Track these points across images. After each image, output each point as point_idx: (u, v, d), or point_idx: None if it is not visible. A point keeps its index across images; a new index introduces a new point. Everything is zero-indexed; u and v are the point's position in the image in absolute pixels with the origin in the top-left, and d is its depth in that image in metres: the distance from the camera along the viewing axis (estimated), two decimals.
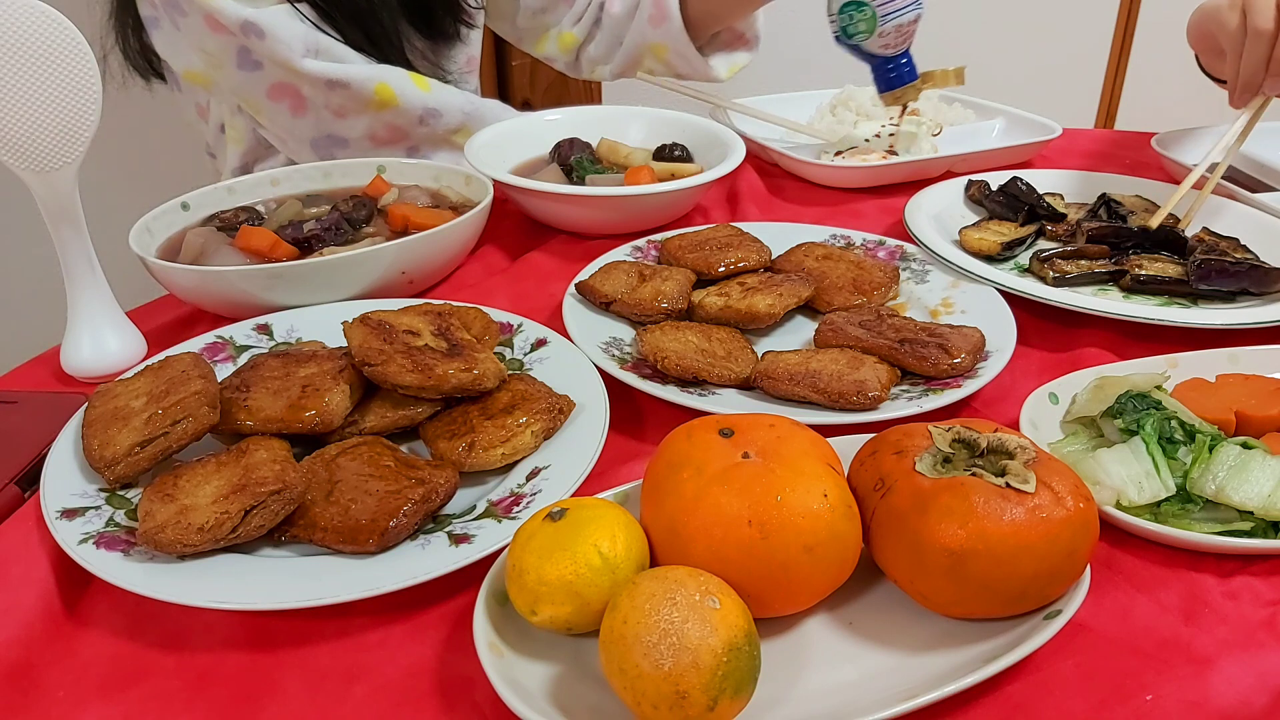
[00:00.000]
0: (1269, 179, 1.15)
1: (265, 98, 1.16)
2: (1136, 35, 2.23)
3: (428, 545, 0.60)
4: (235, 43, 1.12)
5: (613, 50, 1.39)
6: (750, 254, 0.91)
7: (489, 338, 0.79)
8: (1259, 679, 0.53)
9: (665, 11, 1.31)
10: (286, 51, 1.11)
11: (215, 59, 1.15)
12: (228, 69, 1.15)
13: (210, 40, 1.12)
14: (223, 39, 1.12)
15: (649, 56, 1.37)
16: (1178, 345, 0.79)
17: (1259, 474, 0.61)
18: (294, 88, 1.15)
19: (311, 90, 1.15)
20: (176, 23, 1.13)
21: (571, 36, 1.39)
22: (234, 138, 1.27)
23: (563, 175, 1.11)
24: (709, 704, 0.46)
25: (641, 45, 1.36)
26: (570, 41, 1.38)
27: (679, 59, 1.34)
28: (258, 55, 1.12)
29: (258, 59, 1.13)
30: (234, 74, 1.15)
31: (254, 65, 1.14)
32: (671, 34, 1.32)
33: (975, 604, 0.54)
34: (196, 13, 1.10)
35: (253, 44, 1.12)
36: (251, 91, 1.17)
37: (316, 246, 0.93)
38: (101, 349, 0.81)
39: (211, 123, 1.29)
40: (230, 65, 1.14)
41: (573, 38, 1.39)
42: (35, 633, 0.57)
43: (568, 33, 1.39)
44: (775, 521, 0.52)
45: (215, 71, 1.17)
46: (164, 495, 0.61)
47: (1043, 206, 1.03)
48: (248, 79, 1.15)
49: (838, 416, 0.71)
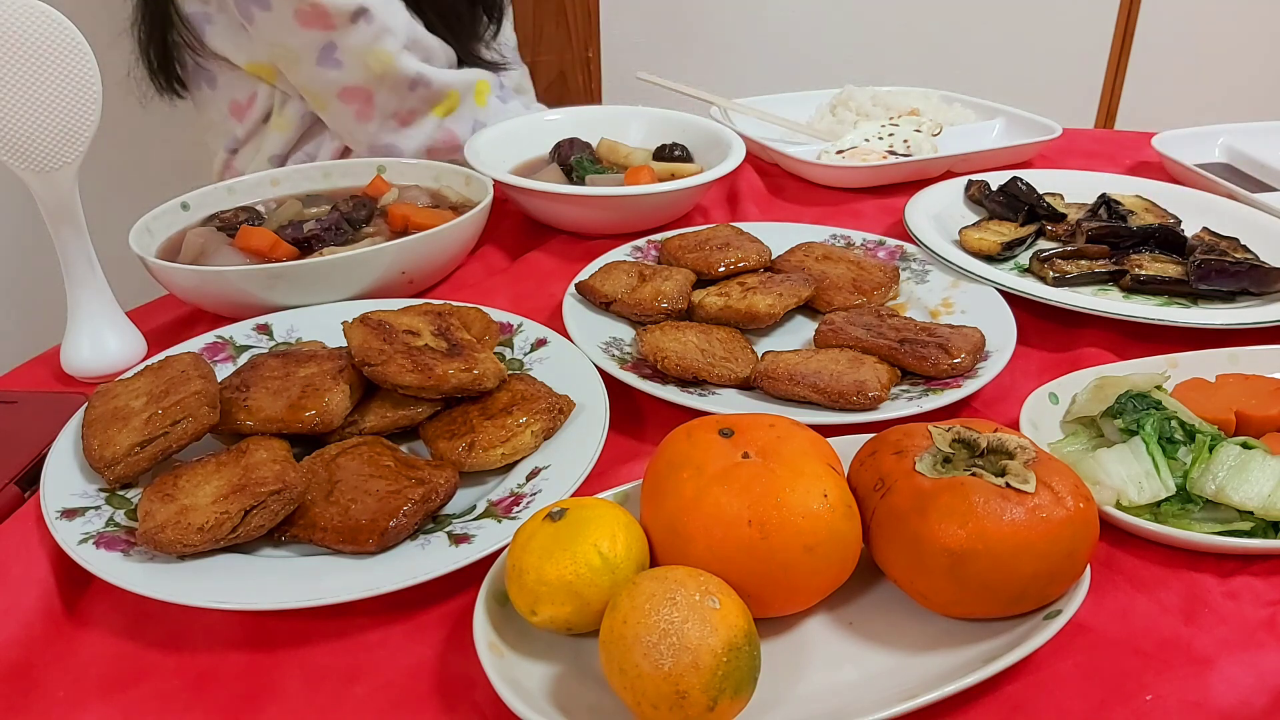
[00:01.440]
0: (1269, 179, 1.15)
1: (336, 98, 1.18)
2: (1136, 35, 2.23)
3: (428, 545, 0.60)
4: (323, 39, 1.13)
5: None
6: (750, 254, 0.91)
7: (489, 338, 0.79)
8: (1259, 679, 0.53)
9: None
10: (390, 42, 1.14)
11: (291, 55, 1.15)
12: (304, 65, 1.16)
13: (295, 36, 1.13)
14: (310, 34, 1.13)
15: None
16: (1178, 345, 0.79)
17: (1259, 474, 0.61)
18: (367, 92, 1.17)
19: (387, 95, 1.17)
20: (251, 15, 1.12)
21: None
22: (280, 125, 1.27)
23: (563, 175, 1.11)
24: (709, 704, 0.46)
25: None
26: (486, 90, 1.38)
27: None
28: (343, 52, 1.14)
29: (340, 57, 1.14)
30: (311, 71, 1.16)
31: (334, 64, 1.15)
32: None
33: (975, 604, 0.54)
34: (287, 7, 1.10)
35: (353, 33, 1.13)
36: (323, 90, 1.18)
37: (316, 246, 0.93)
38: (101, 349, 0.81)
39: (253, 115, 1.28)
40: (308, 62, 1.15)
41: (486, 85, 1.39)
42: (35, 633, 0.57)
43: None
44: (775, 521, 0.52)
45: (290, 67, 1.17)
46: (164, 495, 0.61)
47: (1043, 206, 1.03)
48: (323, 77, 1.16)
49: (838, 416, 0.71)
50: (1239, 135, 1.23)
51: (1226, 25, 2.21)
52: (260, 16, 1.12)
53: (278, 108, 1.27)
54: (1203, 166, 1.14)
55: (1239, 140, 1.22)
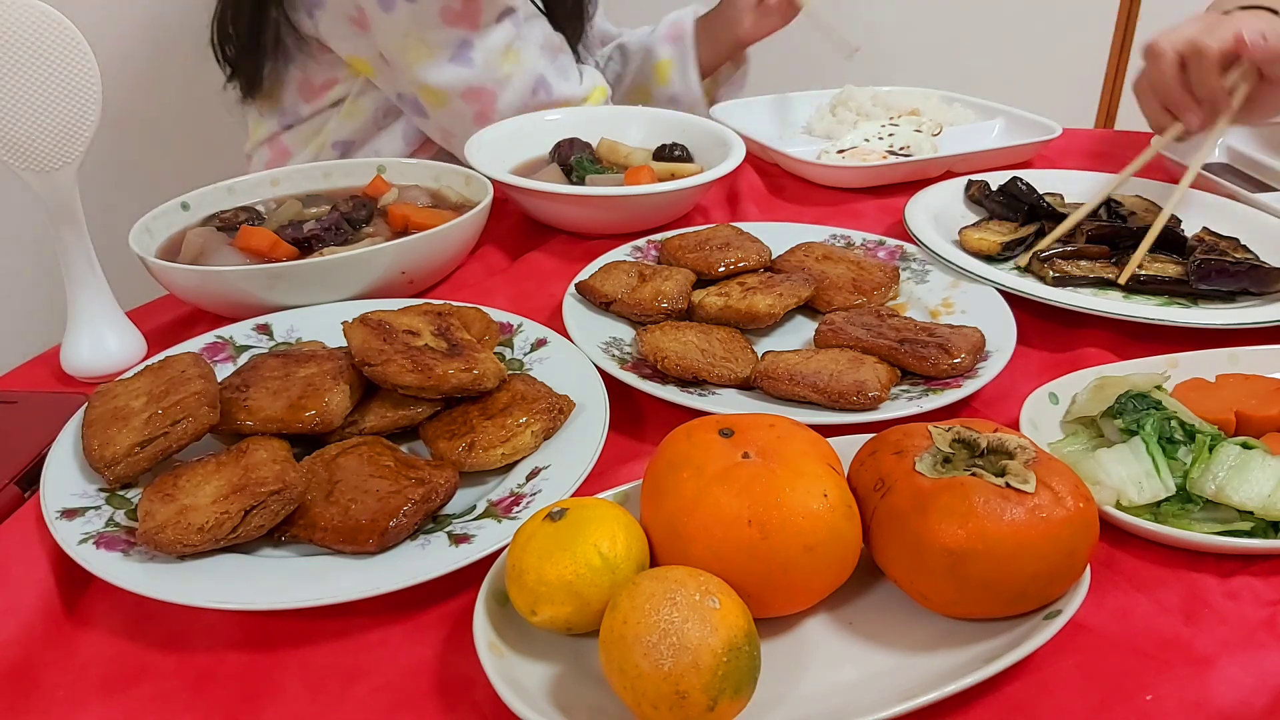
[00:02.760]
0: (1269, 179, 1.15)
1: (460, 97, 1.19)
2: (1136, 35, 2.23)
3: (428, 545, 0.60)
4: (462, 36, 1.14)
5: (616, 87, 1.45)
6: (750, 254, 0.91)
7: (489, 338, 0.79)
8: (1259, 679, 0.53)
9: (681, 30, 1.40)
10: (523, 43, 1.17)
11: (424, 48, 1.15)
12: (435, 62, 1.16)
13: (436, 31, 1.14)
14: (451, 31, 1.14)
15: (649, 78, 1.44)
16: (1178, 345, 0.79)
17: (1259, 474, 0.61)
18: (491, 93, 1.19)
19: (511, 97, 1.19)
20: (393, 5, 1.12)
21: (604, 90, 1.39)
22: (351, 112, 1.27)
23: (563, 175, 1.11)
24: (709, 704, 0.46)
25: (643, 69, 1.43)
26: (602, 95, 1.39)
27: (680, 78, 1.40)
28: (477, 51, 1.15)
29: (473, 56, 1.15)
30: (440, 68, 1.16)
31: (466, 61, 1.16)
32: (682, 52, 1.39)
33: (975, 604, 0.54)
34: (435, 2, 1.11)
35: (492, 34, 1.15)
36: (447, 87, 1.18)
37: (316, 246, 0.93)
38: (101, 349, 0.81)
39: (325, 99, 1.27)
40: (442, 59, 1.16)
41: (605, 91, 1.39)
42: (35, 633, 0.57)
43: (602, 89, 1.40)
44: (775, 521, 0.52)
45: (416, 62, 1.17)
46: (164, 495, 0.61)
47: (1043, 206, 1.03)
48: (452, 74, 1.17)
49: (838, 416, 0.71)
50: (1239, 135, 1.23)
51: None
52: (403, 7, 1.12)
53: (353, 96, 1.26)
54: (1203, 166, 1.13)
55: (1239, 140, 1.22)
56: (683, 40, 1.41)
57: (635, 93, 1.46)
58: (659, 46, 1.42)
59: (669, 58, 1.41)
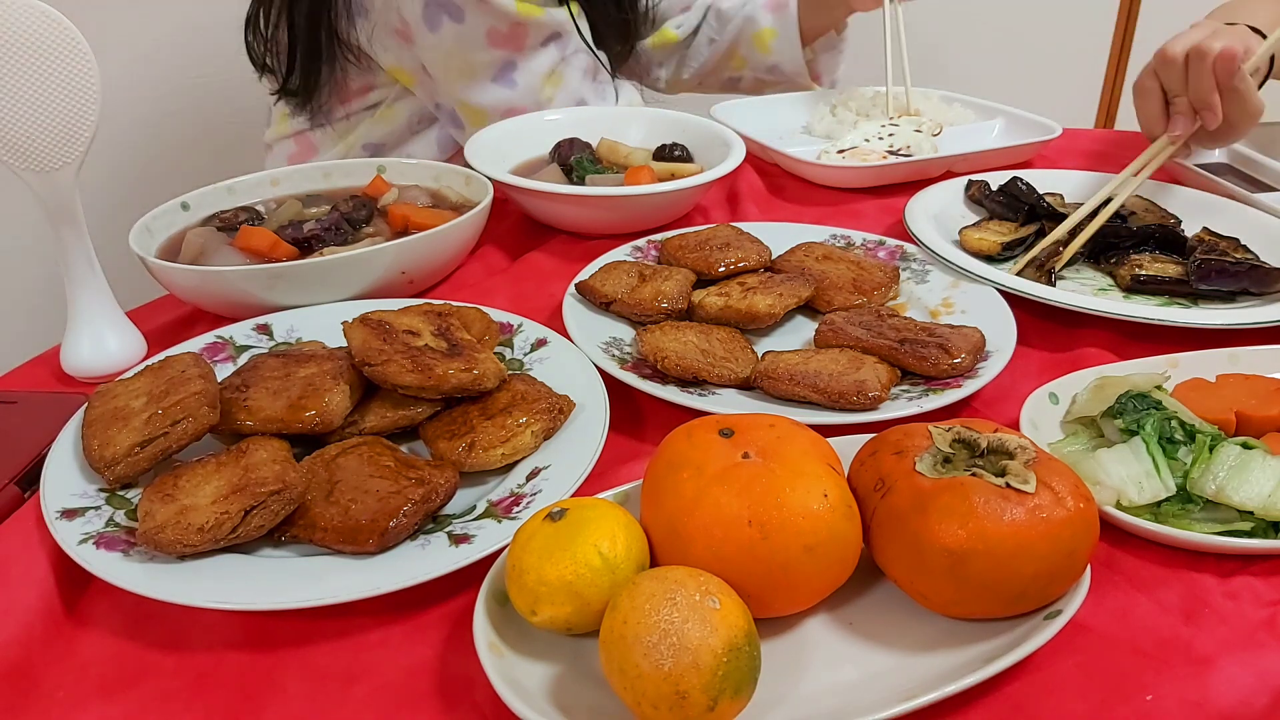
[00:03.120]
0: (1269, 179, 1.15)
1: (499, 115, 1.18)
2: (1136, 35, 2.23)
3: (428, 545, 0.60)
4: (506, 58, 1.14)
5: (701, 50, 1.43)
6: (750, 254, 0.91)
7: (489, 338, 0.79)
8: (1259, 679, 0.53)
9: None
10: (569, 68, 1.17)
11: (466, 70, 1.15)
12: (477, 81, 1.16)
13: (481, 53, 1.14)
14: (495, 53, 1.14)
15: (746, 47, 1.41)
16: (1178, 345, 0.79)
17: (1259, 474, 0.61)
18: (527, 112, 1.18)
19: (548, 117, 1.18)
20: (438, 25, 1.12)
21: (672, 35, 1.41)
22: (385, 117, 1.27)
23: (563, 175, 1.11)
24: (709, 704, 0.46)
25: (741, 37, 1.40)
26: (669, 39, 1.40)
27: (784, 46, 1.38)
28: (520, 73, 1.15)
29: (515, 78, 1.16)
30: (483, 88, 1.17)
31: (509, 83, 1.16)
32: (785, 21, 1.38)
33: (975, 604, 0.54)
34: (481, 24, 1.11)
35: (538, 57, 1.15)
36: (488, 107, 1.18)
37: (316, 246, 0.93)
38: (101, 349, 0.81)
39: (361, 102, 1.27)
40: (484, 79, 1.16)
41: (673, 37, 1.40)
42: (35, 633, 0.57)
43: (669, 31, 1.41)
44: (775, 521, 0.52)
45: (458, 80, 1.17)
46: (164, 495, 0.61)
47: (1043, 206, 1.03)
48: (493, 94, 1.17)
49: (838, 416, 0.71)
50: None
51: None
52: (448, 27, 1.12)
53: (389, 101, 1.26)
54: (1203, 166, 1.14)
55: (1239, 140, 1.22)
56: (786, 8, 1.38)
57: (731, 59, 1.44)
58: (760, 15, 1.39)
59: (771, 26, 1.38)
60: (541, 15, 1.14)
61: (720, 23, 1.43)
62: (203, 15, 1.27)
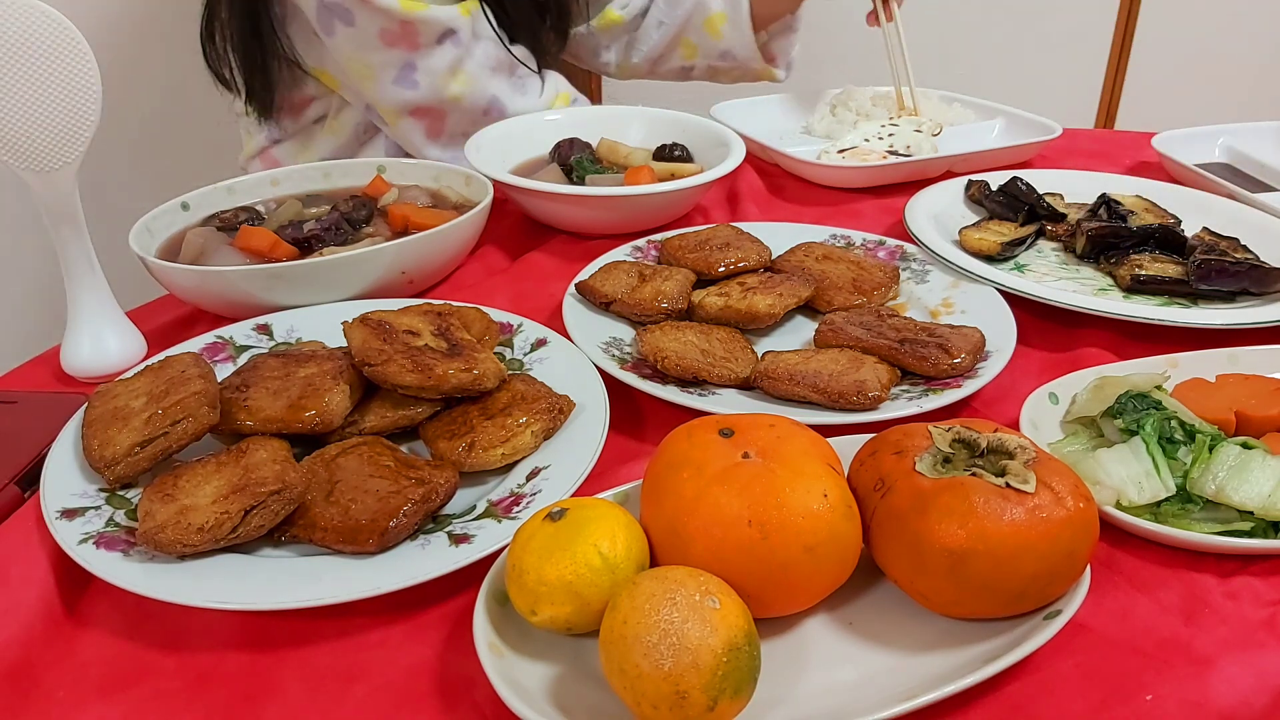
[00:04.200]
0: (1269, 179, 1.15)
1: (407, 115, 1.18)
2: (1136, 35, 2.23)
3: (428, 545, 0.60)
4: (404, 58, 1.13)
5: (649, 33, 1.40)
6: (750, 254, 0.91)
7: (489, 338, 0.79)
8: (1259, 679, 0.53)
9: None
10: (473, 63, 1.15)
11: (368, 71, 1.15)
12: (378, 83, 1.15)
13: (377, 53, 1.12)
14: (391, 53, 1.12)
15: (697, 33, 1.38)
16: (1178, 345, 0.79)
17: (1259, 474, 0.61)
18: (439, 110, 1.17)
19: (458, 116, 1.18)
20: (333, 30, 1.11)
21: (616, 16, 1.38)
22: (333, 129, 1.27)
23: (563, 175, 1.11)
24: (709, 704, 0.46)
25: (691, 22, 1.37)
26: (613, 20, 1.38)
27: (734, 31, 1.35)
28: (421, 73, 1.14)
29: (418, 79, 1.14)
30: (385, 88, 1.15)
31: (411, 84, 1.15)
32: (735, 4, 1.35)
33: (975, 604, 0.54)
34: (372, 24, 1.10)
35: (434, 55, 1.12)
36: (395, 106, 1.17)
37: (316, 246, 0.93)
38: (101, 349, 0.81)
39: (308, 115, 1.27)
40: (385, 80, 1.15)
41: (617, 18, 1.38)
42: (35, 633, 0.57)
43: (613, 12, 1.39)
44: (775, 521, 0.52)
45: (358, 82, 1.17)
46: (164, 495, 0.61)
47: (1043, 206, 1.03)
48: (398, 95, 1.16)
49: (838, 416, 0.71)
50: (1239, 135, 1.23)
51: (1226, 25, 2.21)
52: (342, 31, 1.11)
53: (333, 113, 1.26)
54: (1203, 166, 1.14)
55: (1239, 140, 1.22)
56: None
57: (681, 45, 1.40)
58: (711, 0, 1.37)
59: (721, 10, 1.36)
60: (425, 10, 1.11)
61: (670, 5, 1.39)
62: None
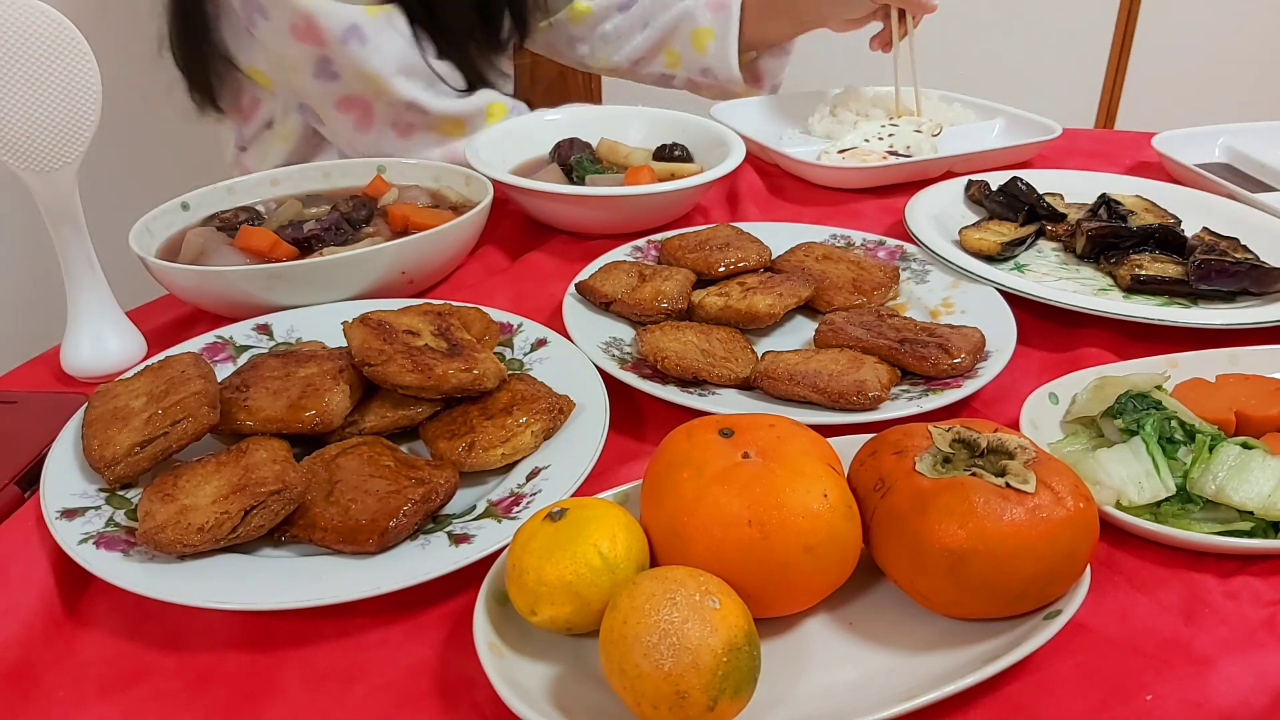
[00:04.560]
0: (1269, 179, 1.15)
1: (333, 107, 1.17)
2: (1136, 35, 2.23)
3: (428, 545, 0.60)
4: (317, 53, 1.12)
5: (634, 32, 1.37)
6: (750, 254, 0.91)
7: (489, 338, 0.79)
8: (1259, 679, 0.53)
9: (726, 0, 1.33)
10: (381, 63, 1.12)
11: (289, 65, 1.14)
12: (301, 76, 1.15)
13: (290, 48, 1.12)
14: (305, 48, 1.12)
15: (681, 43, 1.35)
16: (1178, 345, 0.79)
17: (1259, 474, 0.61)
18: (365, 101, 1.16)
19: (384, 108, 1.16)
20: (253, 24, 1.12)
21: (584, 7, 1.36)
22: (282, 135, 1.27)
23: (563, 175, 1.11)
24: (709, 704, 0.46)
25: (679, 31, 1.34)
26: (582, 11, 1.35)
27: (719, 50, 1.33)
28: (339, 66, 1.13)
29: (336, 70, 1.13)
30: (308, 82, 1.15)
31: (331, 76, 1.14)
32: (723, 23, 1.32)
33: (975, 604, 0.54)
34: (283, 19, 1.09)
35: (345, 52, 1.11)
36: (321, 100, 1.17)
37: (316, 246, 0.93)
38: (101, 349, 0.81)
39: (258, 120, 1.28)
40: (305, 74, 1.14)
41: (585, 8, 1.35)
42: (35, 633, 0.57)
43: (581, 3, 1.36)
44: (775, 521, 0.52)
45: (286, 76, 1.17)
46: (164, 495, 0.61)
47: (1043, 206, 1.03)
48: (321, 88, 1.15)
49: (838, 416, 0.71)
50: (1239, 135, 1.23)
51: (1226, 25, 2.21)
52: (261, 25, 1.12)
53: (280, 118, 1.26)
54: (1203, 166, 1.14)
55: (1239, 140, 1.22)
56: (727, 9, 1.32)
57: (664, 51, 1.37)
58: (700, 12, 1.33)
59: (709, 26, 1.32)
60: (325, 4, 1.09)
61: (656, 7, 1.36)
62: None
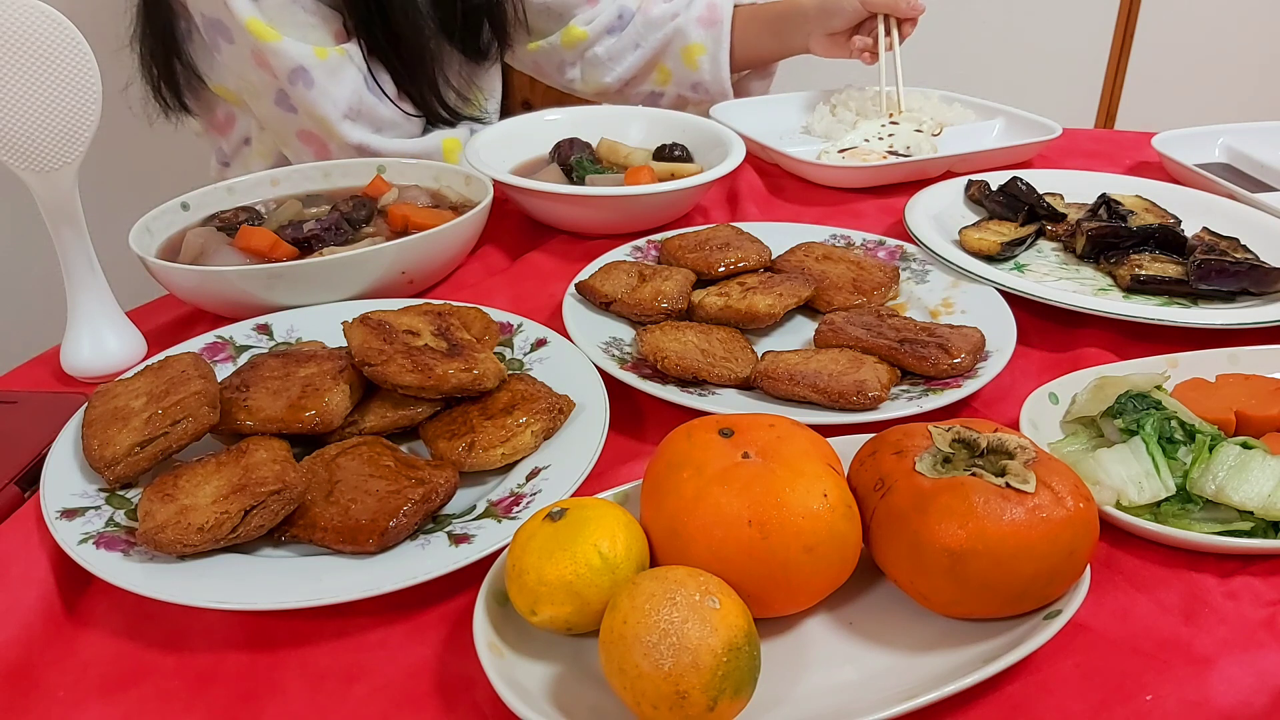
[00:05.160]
0: (1269, 179, 1.15)
1: (295, 137, 1.18)
2: (1136, 35, 2.23)
3: (428, 545, 0.60)
4: (275, 84, 1.12)
5: (625, 54, 1.38)
6: (750, 254, 0.91)
7: (489, 338, 0.79)
8: (1259, 679, 0.53)
9: (717, 15, 1.33)
10: (328, 109, 1.13)
11: (252, 90, 1.15)
12: (264, 103, 1.16)
13: (253, 73, 1.12)
14: (266, 75, 1.12)
15: (673, 60, 1.36)
16: (1178, 345, 0.79)
17: (1259, 474, 0.61)
18: (321, 140, 1.17)
19: (338, 149, 1.17)
20: (219, 47, 1.12)
21: (580, 32, 1.36)
22: (260, 152, 1.27)
23: (563, 175, 1.11)
24: (709, 704, 0.46)
25: (670, 49, 1.35)
26: (577, 37, 1.36)
27: (710, 65, 1.34)
28: (295, 101, 1.13)
29: (294, 104, 1.14)
30: (270, 108, 1.16)
31: (290, 108, 1.15)
32: (715, 39, 1.33)
33: (975, 604, 0.54)
34: (245, 44, 1.09)
35: (295, 92, 1.12)
36: (283, 128, 1.18)
37: (316, 246, 0.93)
38: (101, 349, 0.81)
39: (235, 135, 1.28)
40: (268, 100, 1.15)
41: (581, 34, 1.36)
42: (35, 633, 0.57)
43: (576, 28, 1.37)
44: (775, 521, 0.52)
45: (251, 100, 1.17)
46: (164, 495, 0.61)
47: (1043, 206, 1.03)
48: (281, 117, 1.16)
49: (838, 416, 0.71)
50: (1239, 135, 1.23)
51: (1226, 25, 2.21)
52: (225, 48, 1.13)
53: (256, 134, 1.27)
54: (1203, 166, 1.14)
55: (1239, 140, 1.22)
56: (718, 26, 1.33)
57: (656, 70, 1.38)
58: (691, 29, 1.34)
59: (701, 42, 1.33)
60: (277, 42, 1.09)
61: (647, 28, 1.36)
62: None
